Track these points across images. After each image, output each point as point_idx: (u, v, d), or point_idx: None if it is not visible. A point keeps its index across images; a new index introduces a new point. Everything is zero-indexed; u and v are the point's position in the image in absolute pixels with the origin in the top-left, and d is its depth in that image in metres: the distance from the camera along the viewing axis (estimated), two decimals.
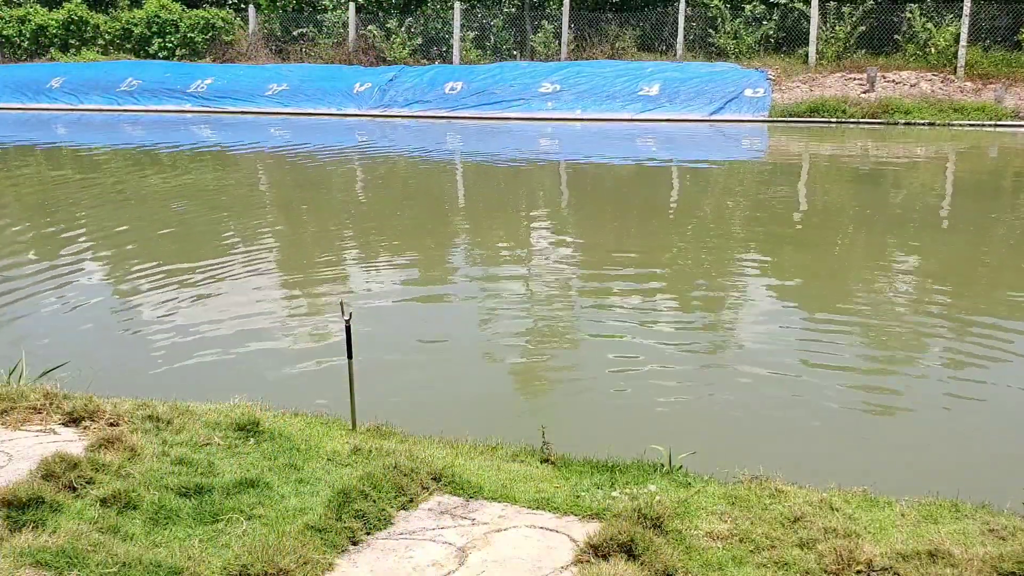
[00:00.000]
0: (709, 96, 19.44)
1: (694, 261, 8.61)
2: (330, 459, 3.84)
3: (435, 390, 5.42)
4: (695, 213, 10.93)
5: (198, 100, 22.39)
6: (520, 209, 11.46)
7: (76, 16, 25.89)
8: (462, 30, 23.23)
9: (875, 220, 10.34)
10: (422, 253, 9.05)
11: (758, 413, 5.07)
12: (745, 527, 3.29)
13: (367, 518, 3.31)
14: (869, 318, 6.77)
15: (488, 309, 7.06)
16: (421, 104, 20.99)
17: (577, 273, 8.12)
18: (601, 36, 22.53)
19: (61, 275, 8.17)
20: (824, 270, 8.30)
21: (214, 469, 3.65)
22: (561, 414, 4.99)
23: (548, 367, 5.84)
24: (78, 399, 4.30)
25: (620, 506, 3.36)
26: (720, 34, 21.41)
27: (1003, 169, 14.31)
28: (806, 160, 15.34)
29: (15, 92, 23.70)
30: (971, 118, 17.88)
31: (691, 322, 6.70)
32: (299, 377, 5.63)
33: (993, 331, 6.43)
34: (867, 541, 3.18)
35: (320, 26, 24.56)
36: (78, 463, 3.52)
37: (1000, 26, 19.86)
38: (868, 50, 20.56)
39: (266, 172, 14.60)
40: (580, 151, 16.69)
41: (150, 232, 10.01)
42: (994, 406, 5.21)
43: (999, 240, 9.39)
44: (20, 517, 3.18)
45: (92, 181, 13.57)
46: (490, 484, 3.66)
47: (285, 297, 7.49)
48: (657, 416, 5.02)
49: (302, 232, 10.11)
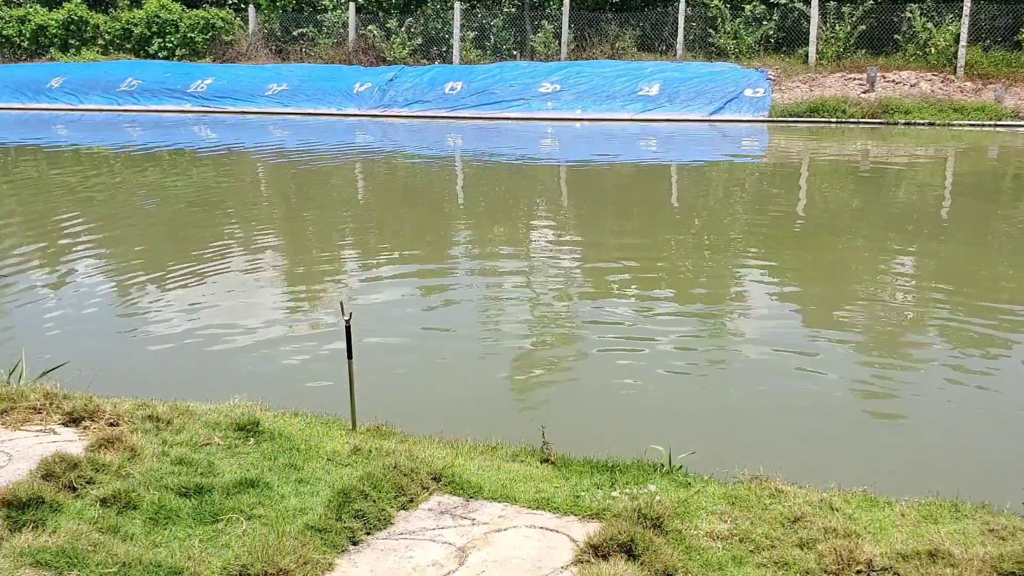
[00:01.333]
0: (709, 96, 19.45)
1: (694, 261, 8.61)
2: (330, 459, 3.84)
3: (435, 390, 5.42)
4: (695, 213, 10.93)
5: (198, 100, 22.40)
6: (520, 209, 11.46)
7: (76, 16, 25.89)
8: (462, 30, 23.23)
9: (875, 220, 10.34)
10: (422, 253, 9.05)
11: (758, 413, 5.06)
12: (745, 527, 3.29)
13: (367, 518, 3.31)
14: (869, 318, 6.77)
15: (488, 309, 7.06)
16: (421, 104, 20.99)
17: (577, 273, 8.12)
18: (601, 36, 22.53)
19: (61, 275, 8.17)
20: (824, 270, 8.30)
21: (214, 469, 3.65)
22: (561, 414, 4.99)
23: (548, 367, 5.84)
24: (78, 399, 4.30)
25: (620, 506, 3.36)
26: (720, 34, 21.41)
27: (1003, 169, 14.30)
28: (806, 160, 15.34)
29: (15, 92, 23.71)
30: (971, 118, 17.89)
31: (691, 322, 6.70)
32: (299, 377, 5.63)
33: (993, 331, 6.44)
34: (867, 541, 3.18)
35: (320, 26, 24.56)
36: (78, 463, 3.52)
37: (1000, 26, 19.86)
38: (868, 50, 20.57)
39: (266, 172, 14.60)
40: (580, 151, 16.69)
41: (150, 232, 10.01)
42: (994, 406, 5.21)
43: (999, 240, 9.39)
44: (20, 517, 3.18)
45: (92, 181, 13.57)
46: (490, 484, 3.66)
47: (285, 297, 7.49)
48: (657, 416, 5.02)
49: (302, 232, 10.12)
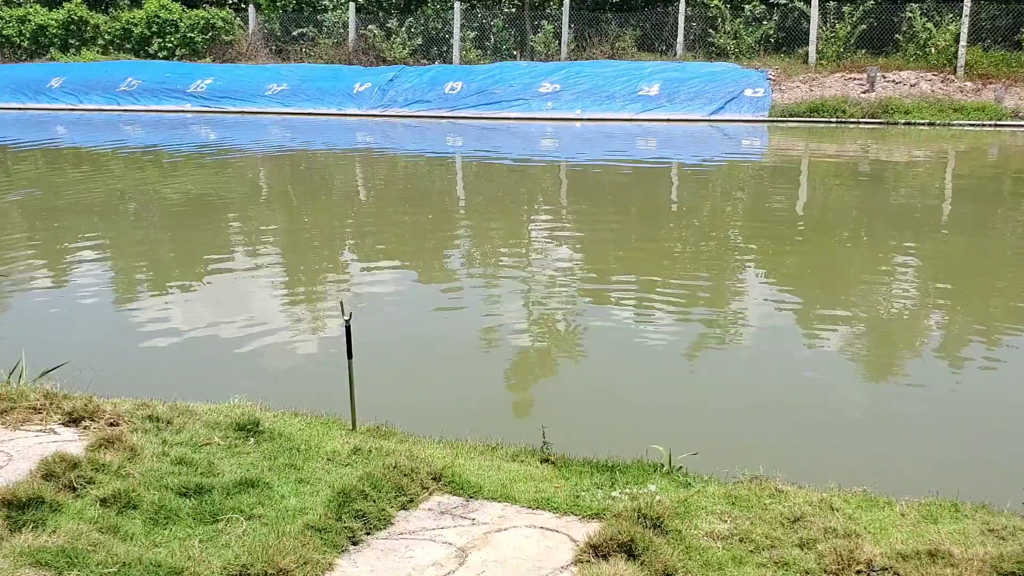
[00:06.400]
0: (709, 96, 19.45)
1: (694, 261, 8.61)
2: (330, 459, 3.84)
3: (435, 390, 5.42)
4: (695, 213, 10.93)
5: (198, 100, 22.40)
6: (520, 209, 11.46)
7: (76, 16, 25.90)
8: (462, 30, 23.23)
9: (875, 220, 10.34)
10: (422, 253, 9.05)
11: (758, 413, 5.06)
12: (745, 527, 3.29)
13: (367, 518, 3.31)
14: (869, 318, 6.77)
15: (488, 309, 7.05)
16: (421, 104, 20.99)
17: (577, 272, 8.12)
18: (601, 36, 22.53)
19: (61, 275, 8.17)
20: (825, 270, 8.30)
21: (214, 469, 3.65)
22: (561, 414, 4.98)
23: (548, 367, 5.84)
24: (78, 399, 4.30)
25: (620, 506, 3.36)
26: (720, 34, 21.41)
27: (1003, 169, 14.30)
28: (806, 160, 15.34)
29: (15, 92, 23.71)
30: (971, 118, 17.89)
31: (691, 322, 6.70)
32: (299, 377, 5.63)
33: (993, 331, 6.44)
34: (867, 541, 3.17)
35: (320, 26, 24.57)
36: (78, 463, 3.52)
37: (1000, 26, 19.86)
38: (868, 50, 20.57)
39: (266, 172, 14.60)
40: (580, 151, 16.69)
41: (150, 232, 10.01)
42: (994, 406, 5.21)
43: (1000, 240, 9.39)
44: (20, 517, 3.18)
45: (92, 181, 13.57)
46: (490, 484, 3.66)
47: (285, 297, 7.49)
48: (657, 416, 5.02)
49: (302, 231, 10.11)
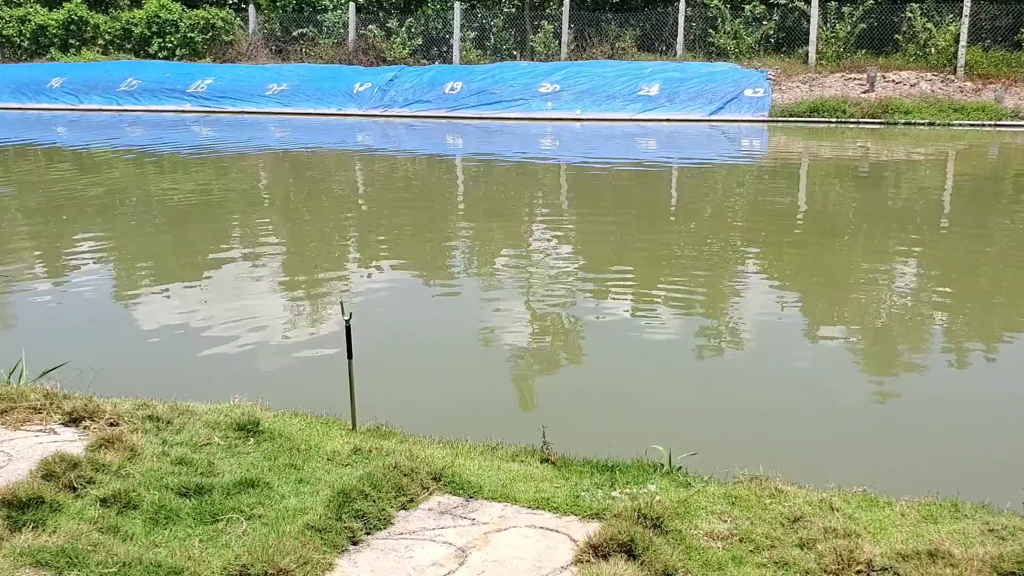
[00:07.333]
0: (709, 96, 19.45)
1: (694, 261, 8.61)
2: (330, 459, 3.84)
3: (435, 390, 5.42)
4: (695, 213, 10.93)
5: (198, 100, 22.41)
6: (520, 209, 11.46)
7: (76, 16, 25.90)
8: (462, 30, 23.23)
9: (875, 220, 10.34)
10: (422, 253, 9.05)
11: (758, 413, 5.06)
12: (745, 527, 3.29)
13: (367, 518, 3.31)
14: (868, 317, 6.77)
15: (488, 309, 7.05)
16: (421, 104, 21.00)
17: (577, 272, 8.12)
18: (601, 36, 22.54)
19: (61, 275, 8.17)
20: (824, 270, 8.30)
21: (214, 469, 3.65)
22: (561, 414, 4.98)
23: (548, 367, 5.84)
24: (78, 399, 4.29)
25: (620, 506, 3.36)
26: (720, 34, 21.42)
27: (1003, 169, 14.30)
28: (806, 160, 15.34)
29: (15, 92, 23.72)
30: (971, 118, 17.89)
31: (691, 321, 6.70)
32: (299, 377, 5.63)
33: (993, 331, 6.44)
34: (867, 541, 3.17)
35: (320, 26, 24.57)
36: (78, 463, 3.52)
37: (1000, 26, 19.86)
38: (868, 50, 20.57)
39: (266, 172, 14.60)
40: (580, 151, 16.69)
41: (150, 232, 10.01)
42: (994, 406, 5.21)
43: (1000, 240, 9.39)
44: (20, 517, 3.18)
45: (92, 181, 13.57)
46: (490, 484, 3.65)
47: (285, 297, 7.49)
48: (657, 416, 5.01)
49: (302, 231, 10.11)
